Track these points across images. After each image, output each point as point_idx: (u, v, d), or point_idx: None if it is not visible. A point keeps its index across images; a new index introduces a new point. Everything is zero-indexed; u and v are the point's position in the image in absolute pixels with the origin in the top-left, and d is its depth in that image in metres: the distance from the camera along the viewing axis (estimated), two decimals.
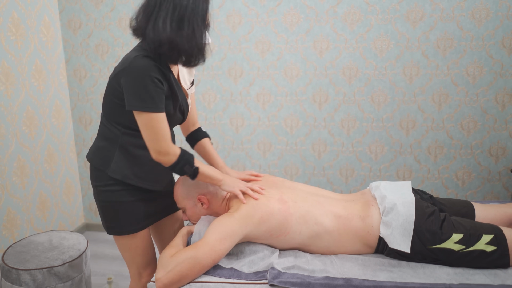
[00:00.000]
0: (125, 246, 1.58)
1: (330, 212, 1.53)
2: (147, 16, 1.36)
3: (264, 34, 2.72)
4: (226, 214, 1.46)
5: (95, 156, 1.54)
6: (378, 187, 1.64)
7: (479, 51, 2.60)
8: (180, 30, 1.34)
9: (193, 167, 1.45)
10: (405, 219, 1.46)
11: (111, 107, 1.47)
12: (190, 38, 1.36)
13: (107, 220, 1.55)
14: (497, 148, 2.72)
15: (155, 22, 1.34)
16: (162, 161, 1.42)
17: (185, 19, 1.34)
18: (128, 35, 2.84)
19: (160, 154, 1.40)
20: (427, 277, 1.38)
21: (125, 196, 1.52)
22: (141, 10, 1.39)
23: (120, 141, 1.48)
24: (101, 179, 1.52)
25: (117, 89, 1.41)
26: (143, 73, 1.33)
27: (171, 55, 1.37)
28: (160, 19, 1.33)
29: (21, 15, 2.49)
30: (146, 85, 1.34)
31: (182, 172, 1.45)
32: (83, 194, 3.17)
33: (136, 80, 1.34)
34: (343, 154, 2.84)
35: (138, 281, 1.65)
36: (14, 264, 1.78)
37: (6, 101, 2.39)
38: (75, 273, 1.85)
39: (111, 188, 1.51)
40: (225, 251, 1.40)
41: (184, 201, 1.60)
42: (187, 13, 1.34)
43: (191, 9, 1.35)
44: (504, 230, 1.46)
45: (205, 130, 1.84)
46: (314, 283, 1.33)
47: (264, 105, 2.83)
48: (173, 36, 1.34)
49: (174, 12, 1.33)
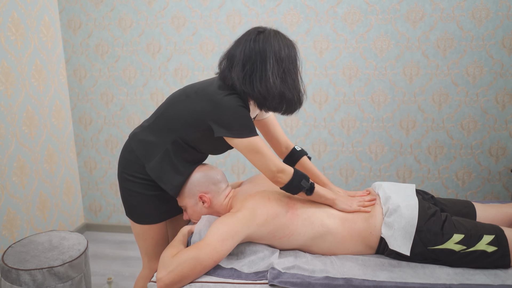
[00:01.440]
0: (141, 235, 1.65)
1: (336, 213, 1.53)
2: (250, 71, 1.43)
3: None
4: (228, 214, 1.46)
5: (140, 146, 1.58)
6: (381, 186, 1.65)
7: (479, 51, 2.59)
8: (285, 82, 1.44)
9: (309, 182, 1.48)
10: (408, 222, 1.46)
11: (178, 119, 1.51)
12: (292, 88, 1.45)
13: (127, 205, 1.63)
14: (497, 148, 2.72)
15: (262, 78, 1.42)
16: (279, 181, 1.46)
17: (286, 71, 1.44)
18: (128, 35, 2.84)
19: (277, 173, 1.45)
20: (427, 277, 1.38)
21: (146, 189, 1.58)
22: (238, 61, 1.44)
23: (169, 146, 1.53)
24: (130, 168, 1.58)
25: (195, 112, 1.46)
26: (235, 105, 1.41)
27: (278, 106, 1.46)
28: (268, 74, 1.41)
29: (21, 15, 2.49)
30: (240, 115, 1.42)
31: (300, 187, 1.47)
32: (83, 194, 3.16)
33: (230, 113, 1.41)
34: (343, 154, 2.84)
35: (149, 270, 1.72)
36: (14, 264, 1.78)
37: (6, 101, 2.39)
38: (75, 273, 1.85)
39: (135, 179, 1.58)
40: (227, 252, 1.39)
41: (185, 199, 1.59)
42: (287, 65, 1.44)
43: (289, 60, 1.44)
44: (505, 230, 1.46)
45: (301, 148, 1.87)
46: (314, 283, 1.33)
47: None
48: (282, 89, 1.43)
49: (279, 66, 1.42)
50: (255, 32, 1.46)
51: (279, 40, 1.44)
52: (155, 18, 2.80)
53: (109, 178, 3.09)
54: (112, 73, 2.92)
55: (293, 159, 1.75)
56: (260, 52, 1.41)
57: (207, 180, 1.59)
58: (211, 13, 2.74)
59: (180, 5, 2.75)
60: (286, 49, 1.44)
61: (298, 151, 1.75)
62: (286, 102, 1.45)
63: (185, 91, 1.53)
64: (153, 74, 2.89)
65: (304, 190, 1.48)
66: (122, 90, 2.94)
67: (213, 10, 2.73)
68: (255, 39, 1.43)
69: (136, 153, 1.58)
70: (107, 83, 2.94)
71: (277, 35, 1.45)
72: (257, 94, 1.42)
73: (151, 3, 2.78)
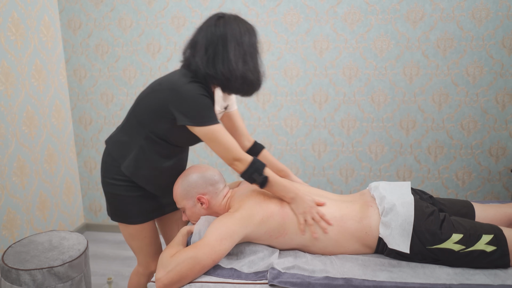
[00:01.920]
0: (132, 235, 1.68)
1: (325, 213, 1.53)
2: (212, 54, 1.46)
3: (264, 34, 2.72)
4: (227, 214, 1.46)
5: (115, 147, 1.62)
6: (377, 188, 1.64)
7: (479, 51, 2.59)
8: (246, 64, 1.48)
9: (261, 176, 1.49)
10: (404, 220, 1.46)
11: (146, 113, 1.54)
12: (254, 71, 1.50)
13: (113, 209, 1.65)
14: (497, 148, 2.72)
15: (224, 61, 1.45)
16: (235, 168, 1.50)
17: (247, 53, 1.48)
18: (128, 35, 2.84)
19: (234, 161, 1.48)
20: (427, 277, 1.38)
21: (129, 191, 1.61)
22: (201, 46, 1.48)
23: (142, 143, 1.57)
24: (110, 171, 1.62)
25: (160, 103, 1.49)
26: (195, 93, 1.44)
27: (240, 88, 1.50)
28: (230, 57, 1.45)
29: (21, 15, 2.49)
30: (200, 102, 1.44)
31: (252, 179, 1.50)
32: (83, 194, 3.16)
33: (190, 100, 1.44)
34: (343, 154, 2.84)
35: (146, 268, 1.75)
36: (14, 264, 1.78)
37: (6, 101, 2.39)
38: (75, 273, 1.85)
39: (117, 182, 1.61)
40: (225, 251, 1.40)
41: (184, 201, 1.59)
42: (248, 48, 1.48)
43: (249, 44, 1.49)
44: (504, 230, 1.46)
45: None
46: (314, 283, 1.33)
47: (264, 105, 2.82)
48: (244, 71, 1.47)
49: (239, 49, 1.47)
50: (215, 17, 1.50)
51: (239, 24, 1.48)
52: (155, 18, 2.80)
53: None
54: (112, 73, 2.92)
55: (255, 152, 1.83)
56: (221, 36, 1.45)
57: (205, 181, 1.59)
58: (211, 13, 2.74)
59: (180, 5, 2.75)
60: (247, 33, 1.48)
61: (258, 145, 1.82)
62: (247, 83, 1.49)
63: (150, 85, 1.57)
64: (153, 74, 2.89)
65: (256, 183, 1.50)
66: (122, 90, 2.94)
67: (213, 10, 2.73)
68: (215, 24, 1.47)
69: (113, 155, 1.61)
70: (107, 83, 2.94)
71: (237, 20, 1.49)
72: (221, 76, 1.46)
73: (151, 3, 2.78)
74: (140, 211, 1.64)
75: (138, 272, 1.78)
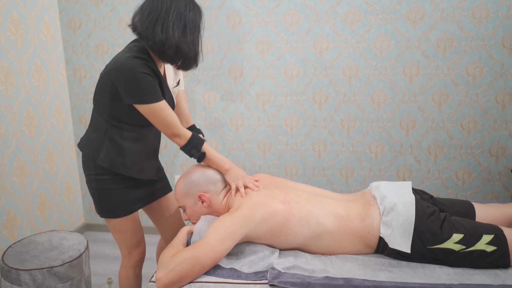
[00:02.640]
0: (115, 228, 1.72)
1: (331, 212, 1.53)
2: (154, 19, 1.50)
3: (264, 34, 2.72)
4: (227, 214, 1.46)
5: (86, 146, 1.66)
6: (378, 187, 1.64)
7: (479, 51, 2.59)
8: (184, 37, 1.52)
9: (199, 152, 1.59)
10: (405, 219, 1.46)
11: (101, 101, 1.59)
12: (190, 45, 1.55)
13: (98, 205, 1.69)
14: (497, 148, 2.72)
15: (163, 27, 1.49)
16: (176, 142, 1.58)
17: (187, 28, 1.53)
18: (128, 35, 2.84)
19: (173, 137, 1.56)
20: (427, 277, 1.38)
21: (113, 184, 1.64)
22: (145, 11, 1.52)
23: (109, 133, 1.60)
24: (91, 168, 1.65)
25: (108, 85, 1.54)
26: (135, 71, 1.47)
27: (174, 57, 1.54)
28: (169, 24, 1.50)
29: (21, 15, 2.49)
30: (140, 80, 1.48)
31: (190, 154, 1.59)
32: (83, 194, 3.16)
33: (130, 78, 1.47)
34: (343, 154, 2.84)
35: (129, 260, 1.79)
36: (14, 264, 1.78)
37: (6, 101, 2.39)
38: (75, 273, 1.85)
39: (101, 177, 1.63)
40: (226, 251, 1.40)
41: (185, 199, 1.59)
42: (189, 23, 1.53)
43: (191, 20, 1.54)
44: (505, 230, 1.46)
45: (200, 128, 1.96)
46: (314, 283, 1.33)
47: (264, 105, 2.82)
48: (180, 41, 1.51)
49: (180, 21, 1.51)
50: None
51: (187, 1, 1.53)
52: None
53: None
54: None
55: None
56: (166, 6, 1.50)
57: (206, 179, 1.59)
58: (211, 13, 2.74)
59: None
60: (192, 10, 1.53)
61: (195, 129, 1.85)
62: (182, 55, 1.53)
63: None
64: None
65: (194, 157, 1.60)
66: None
67: (213, 10, 2.73)
68: None
69: (88, 155, 1.65)
70: None
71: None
72: (157, 41, 1.49)
73: None
74: (124, 204, 1.67)
75: (123, 266, 1.81)
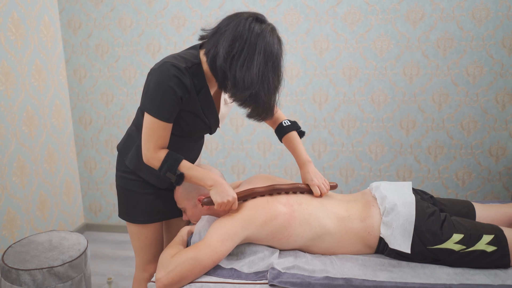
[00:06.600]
0: (133, 234, 1.64)
1: (332, 213, 1.52)
2: (237, 51, 1.30)
3: None
4: (228, 215, 1.46)
5: (122, 142, 1.60)
6: (378, 188, 1.64)
7: (479, 51, 2.59)
8: (263, 84, 1.31)
9: (176, 174, 1.39)
10: (406, 220, 1.46)
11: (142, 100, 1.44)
12: (267, 94, 1.33)
13: (121, 205, 1.63)
14: (497, 148, 2.72)
15: (244, 64, 1.29)
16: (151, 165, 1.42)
17: (270, 73, 1.31)
18: (128, 35, 2.84)
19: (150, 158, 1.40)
20: (427, 277, 1.38)
21: (138, 187, 1.57)
22: (229, 37, 1.31)
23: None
24: (121, 164, 1.60)
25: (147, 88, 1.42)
26: (164, 80, 1.32)
27: (245, 101, 1.35)
28: (254, 63, 1.28)
29: (21, 15, 2.49)
30: (162, 92, 1.33)
31: (166, 177, 1.47)
32: (83, 194, 3.16)
33: (156, 84, 1.34)
34: (343, 154, 2.84)
35: (142, 272, 1.70)
36: (14, 264, 1.78)
37: (6, 101, 2.39)
38: (75, 273, 1.85)
39: (127, 176, 1.57)
40: (226, 252, 1.39)
41: (185, 201, 1.59)
42: (272, 70, 1.31)
43: (275, 66, 1.31)
44: (505, 230, 1.46)
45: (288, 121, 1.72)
46: (314, 283, 1.33)
47: None
48: (259, 89, 1.31)
49: (265, 65, 1.30)
50: (253, 16, 1.34)
51: (275, 41, 1.33)
52: (155, 18, 2.80)
53: (109, 178, 3.09)
54: (112, 73, 2.92)
55: (280, 134, 1.70)
56: (253, 39, 1.29)
57: None
58: (211, 13, 2.74)
59: (180, 5, 2.75)
60: (279, 57, 1.34)
61: (283, 127, 1.67)
62: (254, 101, 1.34)
63: None
64: None
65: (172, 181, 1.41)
66: (122, 90, 2.94)
67: (213, 10, 2.73)
68: (250, 24, 1.31)
69: (118, 149, 1.59)
70: (107, 83, 2.94)
71: (274, 34, 1.34)
72: (232, 77, 1.31)
73: (151, 3, 2.78)
74: (147, 211, 1.58)
75: (136, 279, 1.71)
